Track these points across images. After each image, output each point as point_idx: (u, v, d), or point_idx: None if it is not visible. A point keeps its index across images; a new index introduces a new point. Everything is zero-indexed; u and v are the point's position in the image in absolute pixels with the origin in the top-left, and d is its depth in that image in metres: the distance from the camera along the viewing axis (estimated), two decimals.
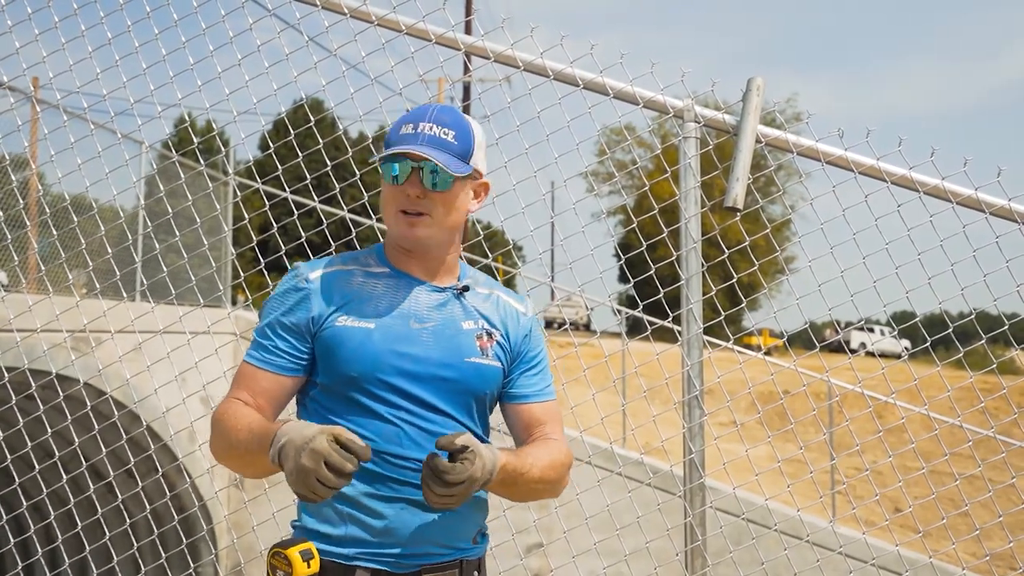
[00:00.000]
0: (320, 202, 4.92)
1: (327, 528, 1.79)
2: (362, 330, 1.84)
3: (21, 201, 7.23)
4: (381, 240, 2.06)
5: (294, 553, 1.66)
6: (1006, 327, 2.95)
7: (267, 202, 3.51)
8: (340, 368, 1.83)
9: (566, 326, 3.62)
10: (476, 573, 1.93)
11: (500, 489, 1.81)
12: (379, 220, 3.68)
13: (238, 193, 10.26)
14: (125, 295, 3.85)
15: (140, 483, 3.64)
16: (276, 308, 1.90)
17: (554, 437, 2.01)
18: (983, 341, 3.09)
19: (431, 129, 1.87)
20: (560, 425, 2.06)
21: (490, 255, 3.71)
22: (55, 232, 3.70)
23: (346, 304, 1.86)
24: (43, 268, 4.45)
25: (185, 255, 3.61)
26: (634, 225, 3.18)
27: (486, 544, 1.98)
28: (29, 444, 3.52)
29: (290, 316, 1.87)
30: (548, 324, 30.47)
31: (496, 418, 2.03)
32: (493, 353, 1.95)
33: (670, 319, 3.26)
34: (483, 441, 1.93)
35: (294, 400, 1.99)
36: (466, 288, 1.98)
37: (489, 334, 1.96)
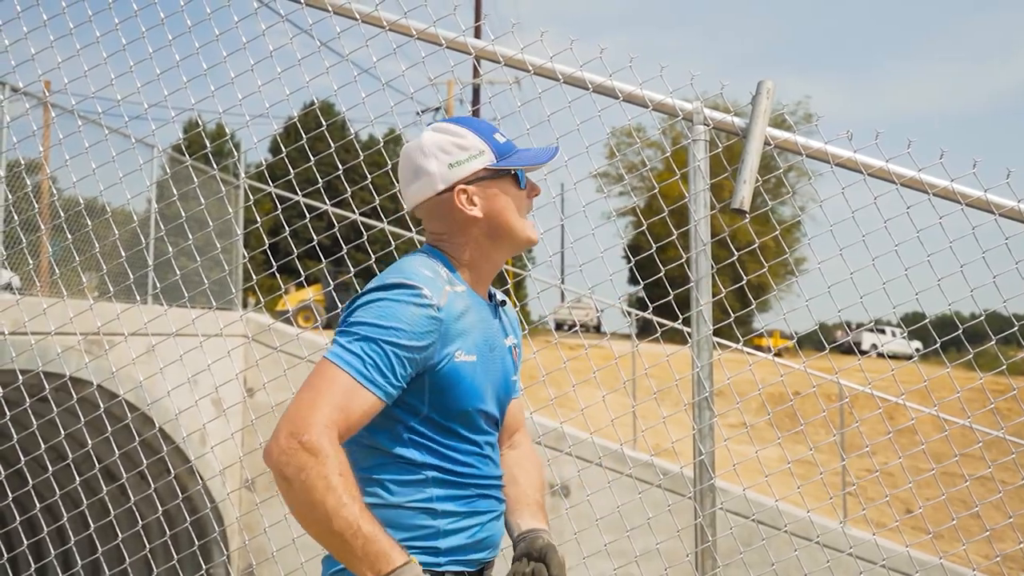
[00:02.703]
0: (331, 205, 4.94)
1: (424, 543, 1.81)
2: (471, 364, 1.82)
3: (35, 205, 7.28)
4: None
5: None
6: (1016, 328, 2.96)
7: (278, 205, 3.53)
8: (457, 403, 1.81)
9: (576, 328, 3.63)
10: None
11: None
12: (391, 223, 3.71)
13: (250, 196, 10.30)
14: (138, 298, 3.89)
15: (152, 485, 3.67)
16: (402, 329, 1.70)
17: (527, 446, 2.19)
18: (994, 342, 3.08)
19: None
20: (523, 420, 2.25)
21: None
22: (69, 236, 3.73)
23: (461, 337, 1.81)
24: (57, 271, 4.49)
25: (197, 258, 3.63)
26: (643, 227, 3.19)
27: None
28: (43, 446, 3.55)
29: (418, 345, 1.72)
30: (559, 327, 30.47)
31: None
32: (518, 365, 2.05)
33: (680, 321, 3.27)
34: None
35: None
36: (503, 302, 2.04)
37: (515, 347, 2.04)
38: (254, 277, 3.72)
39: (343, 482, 1.58)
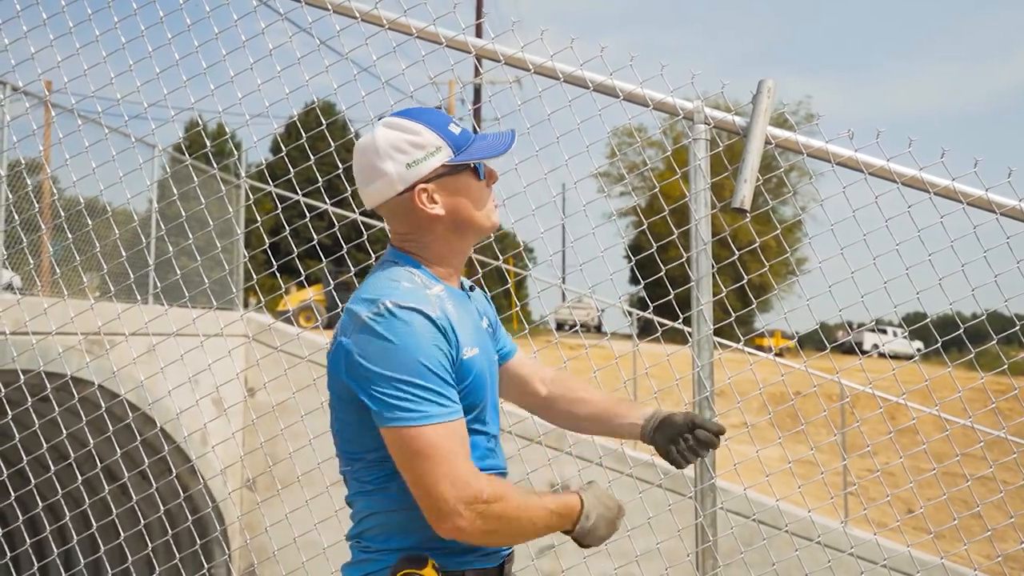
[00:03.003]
0: (331, 205, 4.94)
1: (447, 543, 1.78)
2: (477, 356, 1.83)
3: (36, 205, 7.28)
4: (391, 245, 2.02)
5: (430, 571, 1.74)
6: (1017, 328, 2.95)
7: (279, 205, 3.53)
8: (471, 397, 1.81)
9: (577, 328, 3.63)
10: None
11: None
12: None
13: (250, 196, 10.30)
14: (139, 298, 3.88)
15: (154, 484, 3.66)
16: (431, 354, 1.71)
17: (559, 372, 2.30)
18: (995, 342, 3.08)
19: (461, 122, 1.93)
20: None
21: (501, 257, 3.72)
22: (70, 235, 3.73)
23: (462, 333, 1.80)
24: (57, 271, 4.49)
25: (198, 258, 3.63)
26: (644, 227, 3.18)
27: None
28: (44, 446, 3.55)
29: (449, 358, 1.74)
30: (559, 326, 30.45)
31: None
32: (496, 342, 2.06)
33: (680, 320, 3.26)
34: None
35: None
36: (472, 288, 2.02)
37: (490, 326, 2.04)
38: (255, 277, 3.73)
39: (521, 495, 1.75)
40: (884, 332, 33.08)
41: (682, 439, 2.06)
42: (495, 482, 1.72)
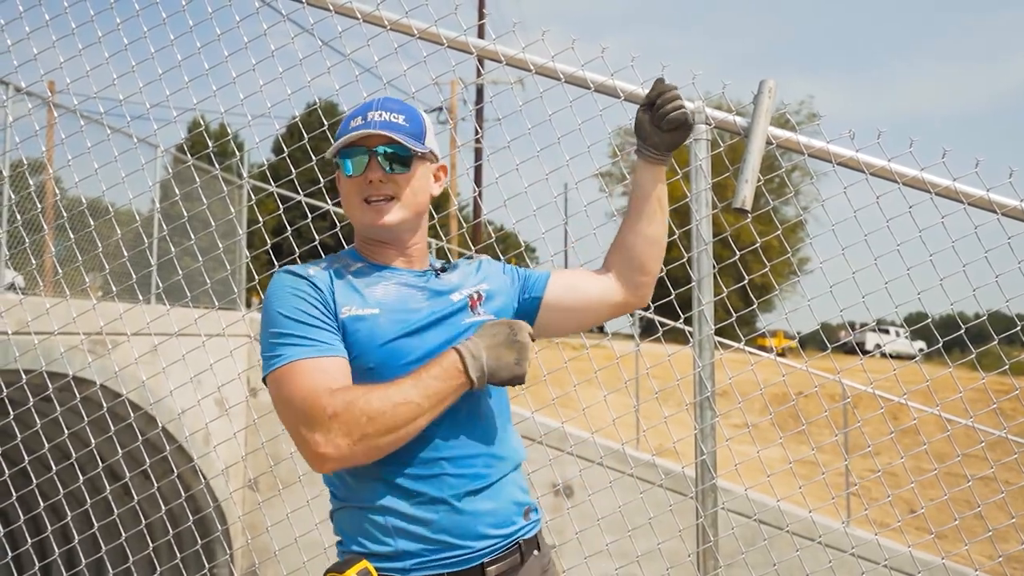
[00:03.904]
0: (333, 205, 4.94)
1: (378, 547, 1.70)
2: (370, 317, 1.76)
3: (38, 205, 7.28)
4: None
5: (352, 572, 1.64)
6: (1019, 328, 2.95)
7: (281, 205, 3.53)
8: (356, 362, 1.74)
9: None
10: (536, 551, 1.89)
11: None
12: None
13: (252, 196, 10.31)
14: (141, 298, 3.89)
15: (156, 484, 3.67)
16: (292, 302, 1.72)
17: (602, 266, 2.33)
18: (996, 342, 3.08)
19: (380, 116, 1.86)
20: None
21: (503, 257, 3.72)
22: (72, 236, 3.74)
23: (348, 296, 1.78)
24: (60, 271, 4.49)
25: (200, 258, 3.64)
26: None
27: (540, 519, 1.94)
28: (46, 445, 3.56)
29: (313, 305, 1.72)
30: None
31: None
32: (485, 310, 1.95)
33: (682, 320, 3.27)
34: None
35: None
36: (443, 269, 1.98)
37: (478, 293, 1.97)
38: (257, 277, 3.74)
39: (380, 387, 1.62)
40: (886, 332, 33.10)
41: (659, 114, 2.26)
42: (344, 391, 1.61)
